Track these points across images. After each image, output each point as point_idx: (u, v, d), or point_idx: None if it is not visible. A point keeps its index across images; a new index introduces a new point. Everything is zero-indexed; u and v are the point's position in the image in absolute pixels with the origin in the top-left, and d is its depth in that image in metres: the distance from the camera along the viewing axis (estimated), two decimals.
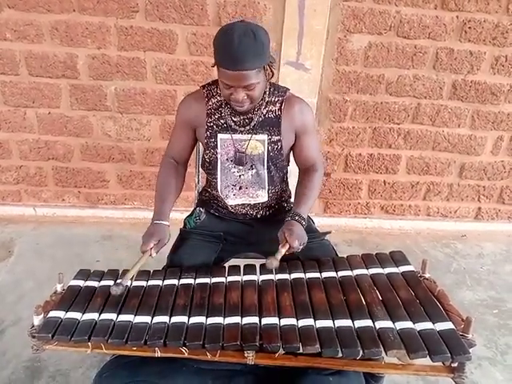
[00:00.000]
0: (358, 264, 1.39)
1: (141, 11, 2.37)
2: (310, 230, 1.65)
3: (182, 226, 1.68)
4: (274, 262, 1.26)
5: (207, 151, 1.53)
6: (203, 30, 2.43)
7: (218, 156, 1.52)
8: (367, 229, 3.04)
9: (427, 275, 1.35)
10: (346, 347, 1.06)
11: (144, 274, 1.39)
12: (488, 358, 2.00)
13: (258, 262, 1.44)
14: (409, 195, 2.97)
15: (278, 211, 1.68)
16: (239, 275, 1.37)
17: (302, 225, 1.40)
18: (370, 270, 1.36)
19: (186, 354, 1.12)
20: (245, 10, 2.40)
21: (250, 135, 1.50)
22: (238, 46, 1.25)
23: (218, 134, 1.50)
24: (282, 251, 1.30)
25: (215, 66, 1.37)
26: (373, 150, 2.82)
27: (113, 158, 2.74)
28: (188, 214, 1.72)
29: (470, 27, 2.49)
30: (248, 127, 1.50)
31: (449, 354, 1.04)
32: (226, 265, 1.49)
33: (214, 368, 1.19)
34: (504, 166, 2.91)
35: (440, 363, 1.11)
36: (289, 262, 1.40)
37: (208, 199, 1.70)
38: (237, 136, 1.50)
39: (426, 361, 1.07)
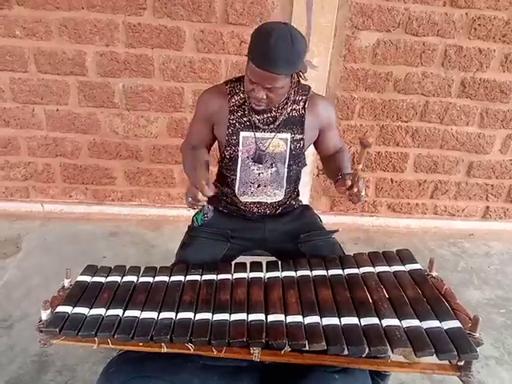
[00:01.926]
0: (364, 262, 1.39)
1: (149, 8, 2.37)
2: (317, 227, 1.65)
3: (190, 223, 1.69)
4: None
5: (228, 148, 1.52)
6: (211, 27, 2.43)
7: (239, 154, 1.51)
8: (374, 227, 3.03)
9: (434, 274, 1.34)
10: (352, 345, 1.06)
11: (151, 270, 1.40)
12: (495, 357, 1.99)
13: (264, 260, 1.44)
14: (416, 194, 2.96)
15: (287, 208, 1.68)
16: (245, 272, 1.37)
17: None
18: (376, 268, 1.36)
19: (192, 350, 1.12)
20: (252, 7, 2.39)
21: (273, 134, 1.50)
22: (273, 48, 1.24)
23: (241, 132, 1.50)
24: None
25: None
26: (380, 148, 2.80)
27: (120, 154, 2.75)
28: (196, 210, 1.72)
29: (479, 24, 2.47)
30: (272, 126, 1.49)
31: (456, 353, 1.03)
32: (233, 262, 1.49)
33: (220, 364, 1.19)
34: None
35: (447, 362, 1.11)
36: (295, 260, 1.40)
37: (216, 196, 1.70)
38: (260, 134, 1.50)
39: (433, 359, 1.06)
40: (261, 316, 1.16)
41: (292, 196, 1.69)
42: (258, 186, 1.56)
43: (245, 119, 1.49)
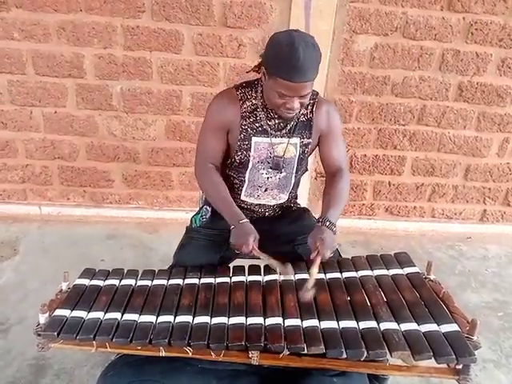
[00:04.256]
0: (362, 265, 1.39)
1: (147, 11, 2.38)
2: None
3: (188, 224, 1.68)
4: (308, 294, 1.21)
5: (239, 153, 1.52)
6: (209, 30, 2.43)
7: (251, 158, 1.52)
8: (371, 230, 3.03)
9: (432, 277, 1.35)
10: (351, 348, 1.06)
11: (149, 274, 1.39)
12: (493, 360, 2.00)
13: (262, 263, 1.44)
14: (414, 197, 2.96)
15: (286, 210, 1.69)
16: (244, 275, 1.37)
17: (333, 231, 1.37)
18: (374, 271, 1.36)
19: (191, 354, 1.12)
20: (251, 11, 2.40)
21: (286, 139, 1.50)
22: (304, 59, 1.25)
23: (253, 137, 1.50)
24: (315, 271, 1.26)
25: (257, 72, 1.41)
26: (378, 151, 2.81)
27: (118, 157, 2.75)
28: (194, 212, 1.72)
29: (476, 29, 2.49)
30: (284, 131, 1.50)
31: (454, 356, 1.04)
32: (231, 265, 1.49)
33: (219, 368, 1.19)
34: (510, 168, 2.90)
35: (445, 365, 1.11)
36: (293, 264, 1.40)
37: None
38: (273, 140, 1.50)
39: (431, 363, 1.07)
40: (259, 319, 1.16)
41: (293, 199, 1.71)
42: (265, 189, 1.58)
43: (257, 125, 1.49)
